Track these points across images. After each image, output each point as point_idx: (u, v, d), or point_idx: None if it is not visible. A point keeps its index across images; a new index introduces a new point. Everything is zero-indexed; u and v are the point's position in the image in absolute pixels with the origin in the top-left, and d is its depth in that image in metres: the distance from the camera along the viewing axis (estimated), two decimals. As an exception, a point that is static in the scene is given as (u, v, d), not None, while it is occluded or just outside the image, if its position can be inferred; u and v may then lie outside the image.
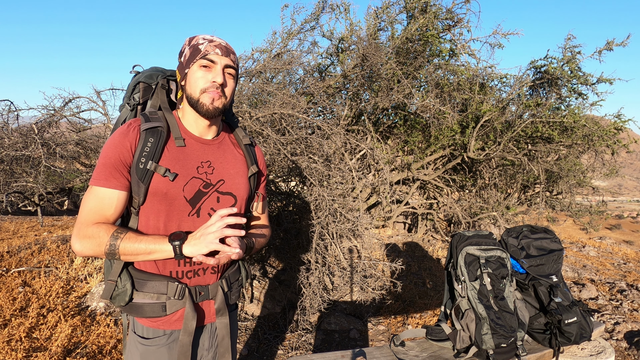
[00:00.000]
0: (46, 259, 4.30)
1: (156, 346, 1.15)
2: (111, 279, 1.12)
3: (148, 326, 1.16)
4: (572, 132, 4.53)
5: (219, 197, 1.20)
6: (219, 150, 1.23)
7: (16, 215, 7.82)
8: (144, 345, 1.15)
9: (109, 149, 1.09)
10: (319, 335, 3.39)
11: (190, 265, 1.17)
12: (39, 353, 2.58)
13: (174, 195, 1.12)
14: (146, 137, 1.10)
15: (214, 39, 1.14)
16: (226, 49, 1.13)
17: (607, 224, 36.61)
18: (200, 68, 1.12)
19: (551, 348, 1.70)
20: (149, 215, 1.13)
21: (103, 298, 1.12)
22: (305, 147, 3.34)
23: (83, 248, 1.06)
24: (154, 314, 1.14)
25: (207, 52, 1.11)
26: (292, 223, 3.86)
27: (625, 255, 8.08)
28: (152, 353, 1.15)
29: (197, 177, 1.15)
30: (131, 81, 1.28)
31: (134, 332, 1.18)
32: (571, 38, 4.26)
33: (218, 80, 1.12)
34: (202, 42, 1.12)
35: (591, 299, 4.62)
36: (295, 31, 4.17)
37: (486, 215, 5.47)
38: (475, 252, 1.66)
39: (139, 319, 1.17)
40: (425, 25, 4.20)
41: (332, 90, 4.30)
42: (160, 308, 1.14)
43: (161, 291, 1.13)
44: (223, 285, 1.24)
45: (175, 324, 1.17)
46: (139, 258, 1.07)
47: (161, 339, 1.16)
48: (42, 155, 4.14)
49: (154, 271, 1.15)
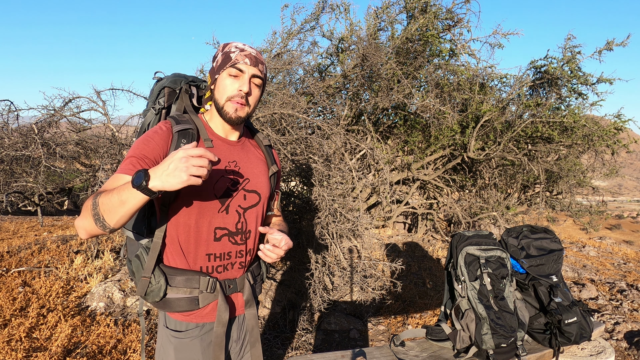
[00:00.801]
0: (46, 259, 4.30)
1: (189, 338, 1.20)
2: (145, 275, 1.15)
3: (181, 320, 1.20)
4: (572, 132, 4.53)
5: (245, 195, 1.26)
6: (242, 151, 1.29)
7: (16, 215, 7.82)
8: (177, 339, 1.20)
9: (140, 144, 1.11)
10: (319, 335, 3.39)
11: (221, 260, 1.22)
12: (39, 353, 2.58)
13: (205, 193, 1.16)
14: (179, 139, 1.14)
15: (246, 48, 1.19)
16: (255, 59, 1.18)
17: (607, 224, 36.62)
18: (229, 76, 1.17)
19: (551, 348, 1.70)
20: (179, 213, 1.17)
21: (138, 295, 1.14)
22: (305, 147, 3.34)
23: (78, 222, 1.01)
24: (188, 308, 1.18)
25: (236, 61, 1.16)
26: (292, 223, 3.86)
27: (625, 255, 8.08)
28: (186, 345, 1.20)
29: (226, 176, 1.21)
30: (155, 86, 1.32)
31: (166, 327, 1.21)
32: (571, 38, 4.26)
33: (244, 90, 1.17)
34: (234, 50, 1.18)
35: (591, 299, 4.62)
36: (295, 31, 4.17)
37: (486, 215, 5.47)
38: (475, 252, 1.66)
39: (170, 314, 1.21)
40: (425, 25, 4.20)
41: (332, 90, 4.30)
42: (193, 302, 1.18)
43: (194, 286, 1.18)
44: (249, 278, 1.31)
45: (207, 316, 1.22)
46: (118, 211, 0.95)
47: (194, 331, 1.21)
48: (42, 155, 4.14)
49: (185, 267, 1.19)
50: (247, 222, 1.26)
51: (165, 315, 1.22)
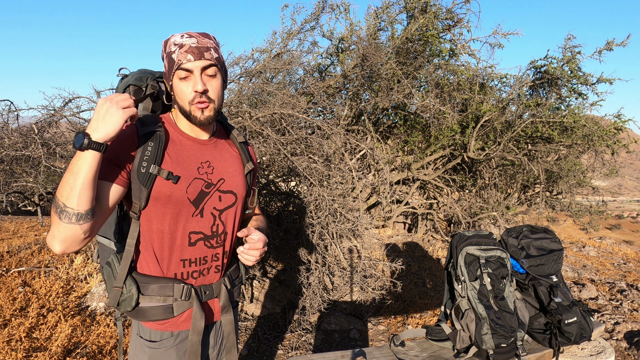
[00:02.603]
0: (46, 259, 4.30)
1: (164, 348, 1.16)
2: (116, 285, 1.10)
3: (155, 329, 1.16)
4: (572, 132, 4.53)
5: (221, 196, 1.20)
6: (216, 150, 1.23)
7: (16, 215, 7.82)
8: (151, 349, 1.15)
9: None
10: (319, 335, 3.39)
11: (197, 266, 1.18)
12: (39, 353, 2.58)
13: (178, 197, 1.11)
14: (146, 142, 1.08)
15: (184, 42, 1.07)
16: (198, 49, 1.06)
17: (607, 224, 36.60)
18: (180, 80, 1.09)
19: (551, 348, 1.70)
20: (151, 219, 1.12)
21: (110, 305, 1.11)
22: (305, 147, 3.34)
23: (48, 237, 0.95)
24: (162, 317, 1.14)
25: (180, 61, 1.06)
26: (292, 223, 3.86)
27: (625, 255, 8.08)
28: (161, 355, 1.16)
29: (199, 178, 1.15)
30: (120, 84, 1.24)
31: (139, 337, 1.17)
32: (571, 38, 4.26)
33: (198, 89, 1.07)
34: (174, 49, 1.07)
35: (591, 299, 4.62)
36: (295, 31, 4.17)
37: (486, 215, 5.47)
38: (475, 252, 1.66)
39: (144, 323, 1.16)
40: (425, 25, 4.20)
41: (332, 90, 4.30)
42: (167, 310, 1.14)
43: (168, 294, 1.13)
44: (226, 282, 1.26)
45: (182, 324, 1.18)
46: (75, 187, 0.90)
47: (169, 340, 1.16)
48: (42, 155, 4.13)
49: (159, 274, 1.15)
50: (224, 224, 1.21)
51: (139, 324, 1.17)
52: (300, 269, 3.40)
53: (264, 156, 3.38)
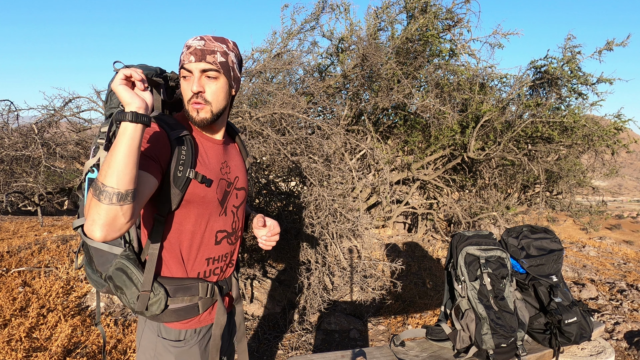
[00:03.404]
0: (46, 259, 4.30)
1: (189, 346, 1.19)
2: (145, 289, 1.09)
3: (180, 328, 1.17)
4: (572, 132, 4.53)
5: (237, 194, 1.26)
6: (227, 149, 1.26)
7: (16, 215, 7.82)
8: (177, 348, 1.17)
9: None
10: (319, 335, 3.39)
11: (219, 263, 1.22)
12: (39, 353, 2.58)
13: (210, 198, 1.14)
14: (179, 145, 1.08)
15: (192, 43, 1.09)
16: (201, 51, 1.08)
17: (607, 224, 36.61)
18: (183, 80, 1.11)
19: (551, 348, 1.70)
20: (182, 221, 1.13)
21: (137, 310, 1.08)
22: (305, 147, 3.34)
23: (88, 223, 0.88)
24: (187, 316, 1.17)
25: (183, 61, 1.09)
26: (292, 223, 3.86)
27: (625, 255, 8.08)
28: (186, 353, 1.18)
29: (223, 178, 1.19)
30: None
31: (162, 338, 1.17)
32: (571, 38, 4.26)
33: (193, 89, 1.08)
34: (183, 49, 1.10)
35: (591, 299, 4.62)
36: (295, 31, 4.17)
37: (486, 215, 5.47)
38: (475, 252, 1.66)
39: (168, 324, 1.17)
40: (425, 25, 4.20)
41: (332, 90, 4.31)
42: (194, 309, 1.17)
43: (194, 293, 1.16)
44: (235, 275, 1.33)
45: (204, 320, 1.22)
46: (118, 164, 0.87)
47: (193, 338, 1.19)
48: (42, 155, 4.13)
49: (183, 275, 1.16)
50: (239, 220, 1.28)
51: (161, 325, 1.17)
52: (300, 269, 3.40)
53: (264, 156, 3.39)
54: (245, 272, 3.85)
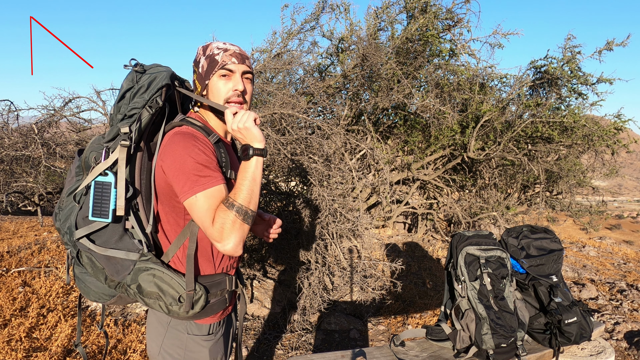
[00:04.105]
0: (46, 259, 4.30)
1: (218, 336, 1.26)
2: (190, 289, 1.11)
3: (210, 322, 1.23)
4: (572, 132, 4.53)
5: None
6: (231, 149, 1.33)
7: (16, 215, 7.82)
8: (209, 341, 1.23)
9: (197, 154, 1.07)
10: (319, 335, 3.39)
11: (233, 257, 1.28)
12: (39, 353, 2.58)
13: None
14: (218, 148, 1.15)
15: (228, 47, 1.17)
16: (241, 55, 1.17)
17: (607, 224, 36.59)
18: (220, 78, 1.16)
19: (551, 348, 1.70)
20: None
21: (184, 310, 1.09)
22: (305, 147, 3.34)
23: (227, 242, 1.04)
24: (219, 309, 1.24)
25: (224, 62, 1.15)
26: (292, 223, 3.86)
27: (625, 255, 8.08)
28: (216, 344, 1.25)
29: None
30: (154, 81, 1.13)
31: (193, 335, 1.21)
32: (571, 38, 4.26)
33: (239, 88, 1.16)
34: (218, 52, 1.16)
35: (591, 299, 4.62)
36: (295, 31, 4.17)
37: (486, 215, 5.47)
38: (475, 252, 1.66)
39: (199, 320, 1.20)
40: (425, 25, 4.20)
41: (332, 90, 4.30)
42: (224, 302, 1.25)
43: (223, 287, 1.23)
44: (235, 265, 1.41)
45: (226, 312, 1.30)
46: (255, 191, 1.09)
47: (219, 329, 1.27)
48: (42, 155, 4.14)
49: (213, 271, 1.21)
50: None
51: (190, 322, 1.20)
52: (300, 269, 3.40)
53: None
54: (245, 272, 3.85)
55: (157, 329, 1.22)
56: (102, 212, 1.05)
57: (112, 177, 1.06)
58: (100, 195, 1.06)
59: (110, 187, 1.06)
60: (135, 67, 1.13)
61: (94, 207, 1.05)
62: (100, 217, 1.05)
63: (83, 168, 1.12)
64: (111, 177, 1.06)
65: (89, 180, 1.07)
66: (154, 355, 1.24)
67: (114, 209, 1.05)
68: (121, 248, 1.08)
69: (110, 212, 1.05)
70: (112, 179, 1.06)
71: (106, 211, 1.05)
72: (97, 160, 1.09)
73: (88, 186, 1.08)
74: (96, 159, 1.09)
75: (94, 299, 1.17)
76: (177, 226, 1.16)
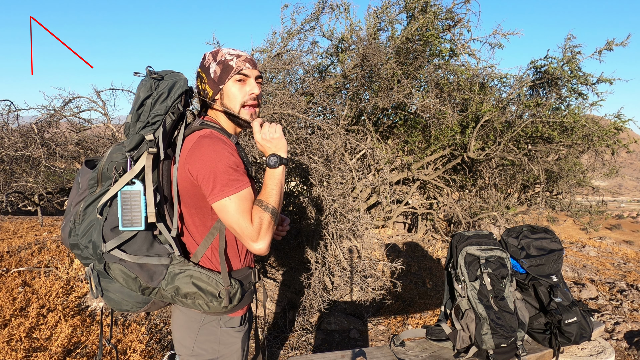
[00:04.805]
0: (46, 259, 4.30)
1: (246, 327, 1.33)
2: (227, 284, 1.16)
3: (240, 315, 1.29)
4: (572, 132, 4.53)
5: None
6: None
7: (16, 215, 7.82)
8: (240, 332, 1.29)
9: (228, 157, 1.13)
10: (319, 335, 3.39)
11: (251, 253, 1.33)
12: (39, 353, 2.58)
13: (256, 192, 1.25)
14: (239, 150, 1.24)
15: (240, 53, 1.24)
16: (252, 61, 1.25)
17: (607, 224, 36.59)
18: (235, 83, 1.22)
19: (551, 348, 1.70)
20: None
21: (224, 305, 1.14)
22: (305, 147, 3.34)
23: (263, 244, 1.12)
24: (249, 301, 1.30)
25: (239, 67, 1.21)
26: (292, 223, 3.86)
27: (625, 255, 8.08)
28: (245, 335, 1.32)
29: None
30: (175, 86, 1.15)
31: (226, 328, 1.26)
32: (571, 38, 4.26)
33: (256, 92, 1.24)
34: (230, 57, 1.22)
35: (591, 299, 4.62)
36: (295, 31, 4.17)
37: (486, 215, 5.47)
38: (475, 252, 1.66)
39: (232, 314, 1.26)
40: (425, 25, 4.19)
41: (332, 90, 4.30)
42: (252, 293, 1.31)
43: (251, 280, 1.28)
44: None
45: (251, 303, 1.36)
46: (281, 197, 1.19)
47: (247, 320, 1.34)
48: (42, 155, 4.14)
49: (240, 266, 1.27)
50: None
51: (226, 316, 1.25)
52: (300, 269, 3.40)
53: (264, 156, 3.38)
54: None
55: (189, 328, 1.24)
56: (134, 221, 1.05)
57: (139, 185, 1.06)
58: (129, 205, 1.05)
59: (140, 195, 1.06)
60: (152, 74, 1.13)
61: (124, 217, 1.05)
62: (132, 226, 1.05)
63: (99, 180, 1.10)
64: (139, 185, 1.06)
65: (114, 190, 1.06)
66: (187, 355, 1.25)
67: (146, 216, 1.06)
68: (153, 254, 1.09)
69: (143, 219, 1.06)
70: (140, 187, 1.06)
71: (138, 220, 1.06)
72: (118, 170, 1.08)
73: (111, 197, 1.07)
74: (117, 169, 1.08)
75: (127, 308, 1.15)
76: (203, 227, 1.20)
